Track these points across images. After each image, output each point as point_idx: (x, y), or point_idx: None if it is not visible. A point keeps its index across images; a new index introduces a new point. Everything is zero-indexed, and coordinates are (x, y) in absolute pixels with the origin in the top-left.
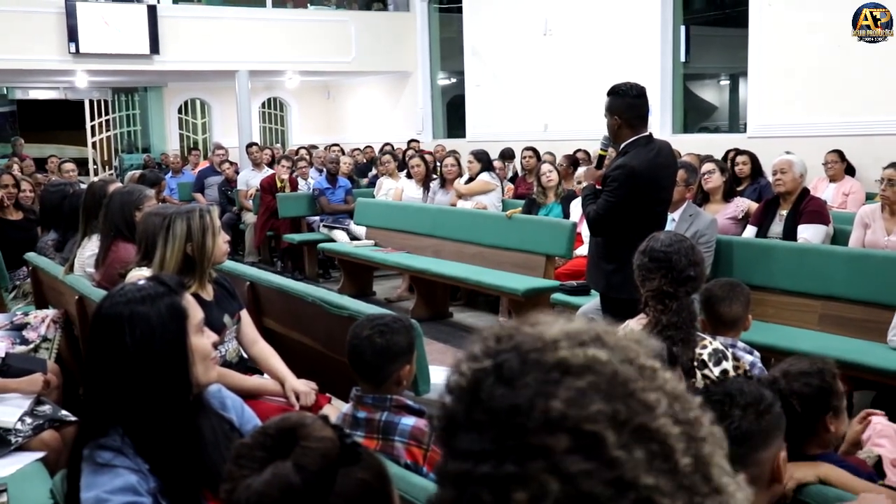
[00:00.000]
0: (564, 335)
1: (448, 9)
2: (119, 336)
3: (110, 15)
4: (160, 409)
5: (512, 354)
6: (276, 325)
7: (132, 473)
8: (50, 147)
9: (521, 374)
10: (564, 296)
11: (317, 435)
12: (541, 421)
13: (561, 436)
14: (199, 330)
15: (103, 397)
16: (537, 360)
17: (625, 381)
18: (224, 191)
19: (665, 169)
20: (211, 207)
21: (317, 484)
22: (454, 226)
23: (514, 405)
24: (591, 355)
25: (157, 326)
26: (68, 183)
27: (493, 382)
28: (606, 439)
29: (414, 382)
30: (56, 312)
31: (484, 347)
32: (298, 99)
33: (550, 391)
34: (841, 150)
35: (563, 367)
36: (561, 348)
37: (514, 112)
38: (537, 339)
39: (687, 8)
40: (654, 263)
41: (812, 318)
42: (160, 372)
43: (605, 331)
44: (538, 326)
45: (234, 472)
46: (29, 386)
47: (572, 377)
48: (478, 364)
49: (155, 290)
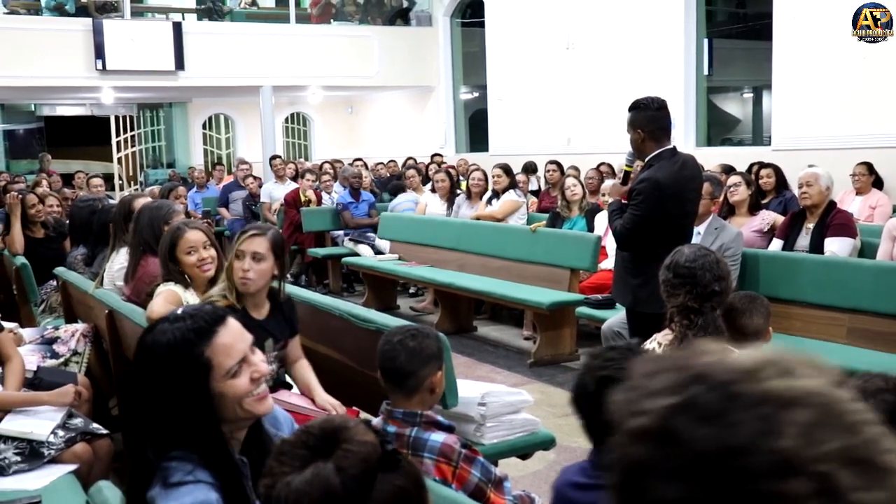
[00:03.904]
0: (764, 363)
1: (470, 23)
2: (145, 369)
3: (136, 32)
4: (195, 437)
5: (705, 387)
6: (304, 339)
7: (211, 489)
8: (76, 163)
9: (726, 410)
10: (589, 309)
11: (359, 439)
12: (770, 463)
13: (799, 479)
14: (231, 375)
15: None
16: (739, 392)
17: (842, 412)
18: (248, 205)
19: (690, 181)
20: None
21: (356, 488)
22: (478, 239)
23: (727, 447)
24: (801, 386)
25: (171, 376)
26: (97, 198)
27: (691, 421)
28: (841, 481)
29: (442, 396)
30: (86, 326)
31: (665, 381)
32: (321, 114)
33: (774, 429)
34: (870, 162)
35: (776, 401)
36: (766, 378)
37: (537, 126)
38: (731, 370)
39: (710, 21)
40: (678, 279)
41: (840, 332)
42: (183, 412)
43: (795, 358)
44: (716, 354)
45: (274, 468)
46: (60, 398)
47: (790, 411)
48: (664, 401)
49: (180, 335)
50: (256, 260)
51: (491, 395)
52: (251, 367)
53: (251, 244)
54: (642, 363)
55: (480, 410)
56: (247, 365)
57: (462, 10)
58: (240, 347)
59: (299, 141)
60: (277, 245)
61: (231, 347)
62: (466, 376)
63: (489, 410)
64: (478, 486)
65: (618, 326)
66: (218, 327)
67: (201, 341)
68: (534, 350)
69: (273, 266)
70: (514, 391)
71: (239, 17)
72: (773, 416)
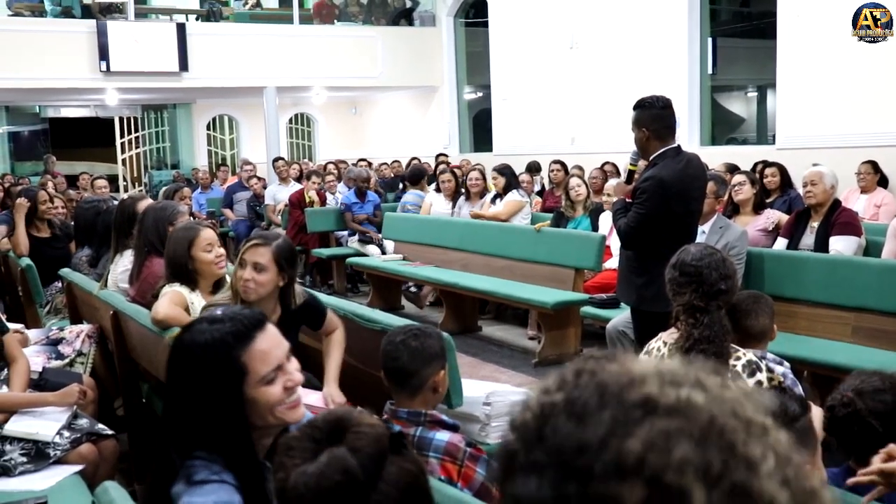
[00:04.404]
0: (656, 372)
1: (474, 23)
2: (179, 371)
3: (140, 33)
4: (223, 442)
5: (589, 389)
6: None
7: (235, 491)
8: (80, 164)
9: (597, 409)
10: (594, 309)
11: (367, 421)
12: (612, 464)
13: (635, 484)
14: (266, 382)
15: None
16: (618, 394)
17: (722, 430)
18: (252, 206)
19: (695, 180)
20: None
21: (372, 467)
22: (483, 239)
23: (581, 443)
24: (685, 397)
25: (206, 377)
26: (101, 199)
27: (563, 418)
28: (692, 496)
29: (447, 396)
30: (91, 327)
31: (558, 381)
32: (325, 114)
33: (628, 430)
34: (875, 160)
35: (648, 406)
36: (648, 384)
37: (541, 125)
38: (622, 374)
39: (714, 20)
40: (684, 278)
41: (845, 331)
42: (214, 416)
43: (708, 376)
44: (627, 363)
45: (285, 463)
46: (64, 398)
47: (658, 417)
48: (548, 398)
49: (218, 336)
50: (258, 270)
51: (495, 395)
52: (286, 375)
53: (253, 254)
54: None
55: (485, 410)
56: (282, 373)
57: (465, 10)
58: (276, 354)
59: (303, 141)
60: (282, 256)
61: (268, 354)
62: (471, 376)
63: (494, 410)
64: (483, 484)
65: (622, 326)
66: (257, 332)
67: (239, 345)
68: (538, 350)
69: (277, 277)
70: (519, 391)
71: (242, 17)
72: (633, 419)
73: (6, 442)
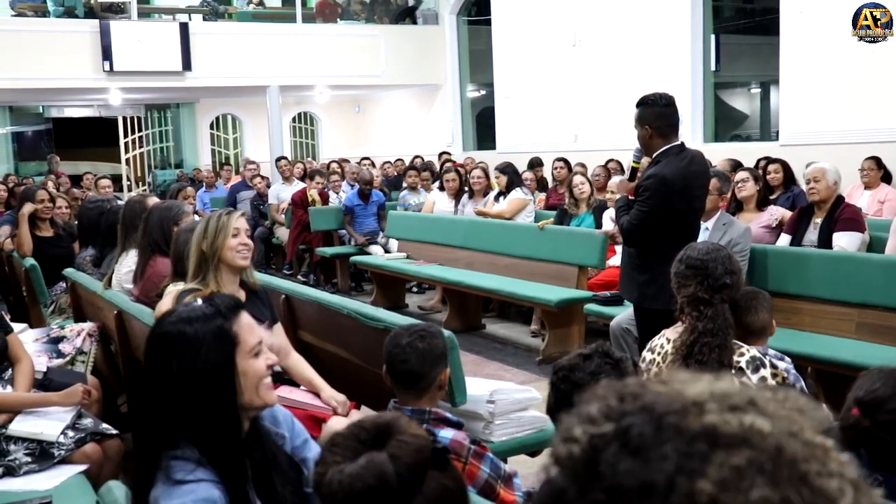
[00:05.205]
0: (711, 395)
1: (477, 21)
2: (166, 356)
3: (143, 33)
4: (209, 428)
5: (642, 417)
6: (312, 337)
7: (214, 487)
8: (84, 164)
9: (656, 443)
10: (598, 306)
11: (412, 432)
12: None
13: None
14: (254, 354)
15: (157, 414)
16: (676, 425)
17: (793, 460)
18: (256, 205)
19: (697, 178)
20: (236, 212)
21: (409, 477)
22: (486, 237)
23: (646, 483)
24: (749, 424)
25: (202, 349)
26: (105, 199)
27: (618, 452)
28: None
29: (451, 394)
30: (92, 325)
31: (604, 407)
32: (328, 113)
33: (697, 468)
34: (878, 156)
35: (711, 437)
36: (708, 412)
37: (545, 123)
38: (675, 400)
39: (717, 16)
40: (690, 270)
41: (849, 327)
42: (206, 394)
43: (760, 394)
44: (673, 383)
45: (327, 458)
46: (68, 398)
47: (725, 451)
48: (596, 429)
49: (205, 312)
50: (248, 235)
51: (499, 393)
52: (265, 353)
53: (242, 222)
54: (603, 387)
55: (489, 408)
56: (263, 350)
57: (468, 8)
58: (257, 331)
59: (307, 140)
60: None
61: (252, 327)
62: (475, 374)
63: (498, 408)
64: (487, 481)
65: (626, 323)
66: (239, 310)
67: (230, 315)
68: (542, 347)
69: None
70: (523, 388)
71: (245, 17)
72: (700, 453)
73: (11, 442)
